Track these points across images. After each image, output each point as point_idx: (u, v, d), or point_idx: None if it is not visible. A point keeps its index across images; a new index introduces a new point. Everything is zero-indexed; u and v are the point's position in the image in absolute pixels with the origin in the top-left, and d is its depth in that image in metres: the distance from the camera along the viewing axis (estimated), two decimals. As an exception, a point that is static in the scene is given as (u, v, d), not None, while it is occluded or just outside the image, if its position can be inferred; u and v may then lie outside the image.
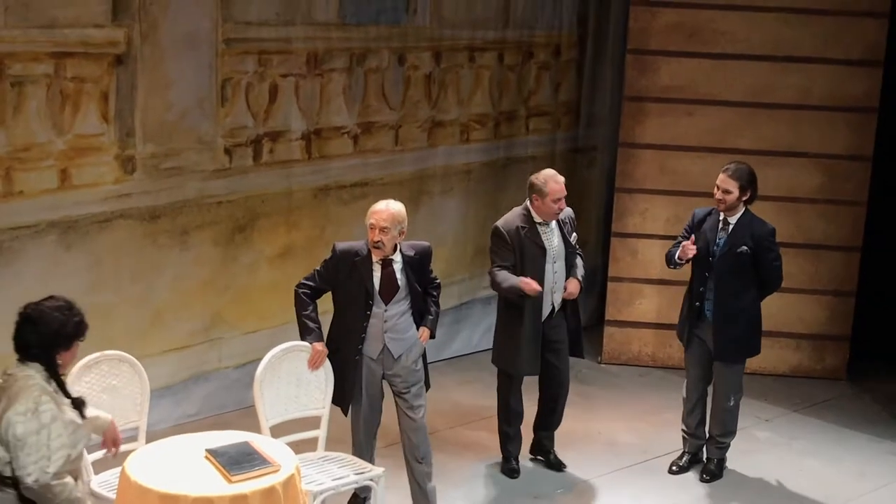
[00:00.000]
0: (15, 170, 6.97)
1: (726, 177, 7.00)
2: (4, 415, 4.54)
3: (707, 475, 7.37)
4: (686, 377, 7.39)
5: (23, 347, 4.70)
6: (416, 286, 6.34)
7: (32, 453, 4.53)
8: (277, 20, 7.96)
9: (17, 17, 6.81)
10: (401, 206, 6.20)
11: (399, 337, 6.32)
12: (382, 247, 6.12)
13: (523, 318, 7.00)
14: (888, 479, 7.58)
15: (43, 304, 4.75)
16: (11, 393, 4.59)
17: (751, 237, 7.02)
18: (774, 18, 8.77)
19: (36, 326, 4.68)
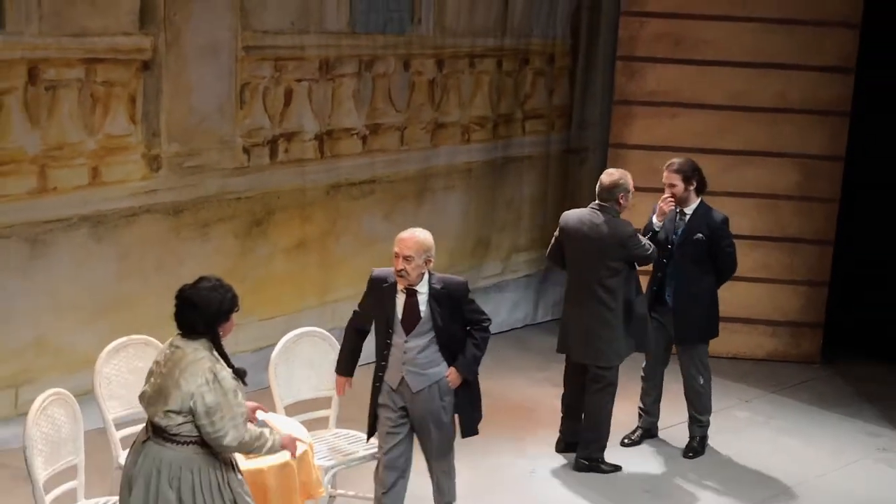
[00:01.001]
0: (49, 167, 6.98)
1: (669, 172, 7.10)
2: (185, 387, 4.61)
3: (691, 452, 7.37)
4: (645, 359, 7.39)
5: (188, 327, 4.75)
6: (444, 321, 5.68)
7: (226, 416, 4.63)
8: (292, 29, 7.96)
9: (51, 26, 6.83)
10: (427, 234, 5.71)
11: (419, 371, 5.69)
12: (406, 275, 5.59)
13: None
14: (860, 455, 7.59)
15: (199, 286, 4.79)
16: (182, 365, 4.65)
17: (706, 226, 7.08)
18: (754, 28, 8.77)
19: (198, 309, 4.73)
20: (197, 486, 4.67)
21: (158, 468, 4.67)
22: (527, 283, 9.85)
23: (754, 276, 8.86)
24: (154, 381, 4.74)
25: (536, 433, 7.59)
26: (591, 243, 6.79)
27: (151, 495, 4.66)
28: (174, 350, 4.73)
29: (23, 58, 6.76)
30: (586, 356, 6.96)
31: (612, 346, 6.88)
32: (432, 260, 5.67)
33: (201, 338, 4.74)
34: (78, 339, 7.11)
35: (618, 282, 6.80)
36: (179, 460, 4.67)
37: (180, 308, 4.77)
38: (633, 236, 6.77)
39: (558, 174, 9.89)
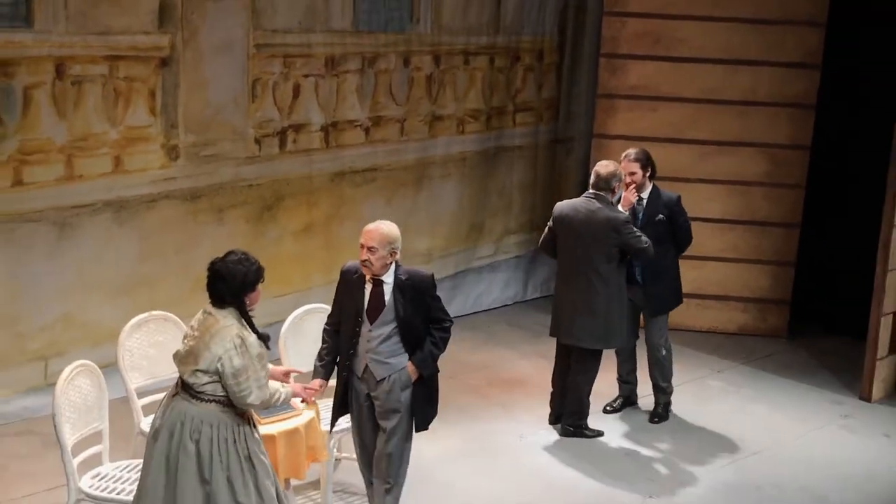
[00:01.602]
0: (75, 157, 6.98)
1: (628, 162, 7.07)
2: (214, 349, 4.68)
3: (656, 417, 7.41)
4: None
5: (218, 297, 4.79)
6: (406, 313, 5.40)
7: (251, 378, 4.70)
8: (300, 28, 7.95)
9: (77, 26, 6.83)
10: (392, 227, 5.41)
11: (382, 360, 5.42)
12: (370, 266, 5.32)
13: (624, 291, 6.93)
14: (824, 422, 7.61)
15: (226, 260, 4.82)
16: (213, 331, 4.71)
17: (664, 206, 7.10)
18: (726, 27, 8.75)
19: (225, 280, 4.77)
20: (214, 439, 4.72)
21: (182, 421, 4.73)
22: (517, 264, 9.85)
23: (726, 257, 8.87)
24: (187, 343, 4.80)
25: (525, 402, 7.60)
26: (587, 229, 6.75)
27: (174, 444, 4.72)
28: (206, 317, 4.79)
29: (50, 55, 6.76)
30: (574, 337, 6.95)
31: (598, 331, 6.87)
32: (398, 252, 5.40)
33: (229, 307, 4.78)
34: (102, 315, 7.12)
35: (610, 269, 6.77)
36: (201, 415, 4.73)
37: (210, 279, 4.82)
38: (627, 224, 6.73)
39: (546, 163, 9.88)
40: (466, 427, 7.23)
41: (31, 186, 6.81)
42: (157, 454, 4.76)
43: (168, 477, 4.72)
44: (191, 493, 4.69)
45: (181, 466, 4.70)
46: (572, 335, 6.94)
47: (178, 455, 4.72)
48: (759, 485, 6.66)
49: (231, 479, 4.73)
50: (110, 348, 6.07)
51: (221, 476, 4.72)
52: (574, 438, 7.09)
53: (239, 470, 4.75)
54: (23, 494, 6.10)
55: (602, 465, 6.80)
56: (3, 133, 6.65)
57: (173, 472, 4.71)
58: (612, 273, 6.79)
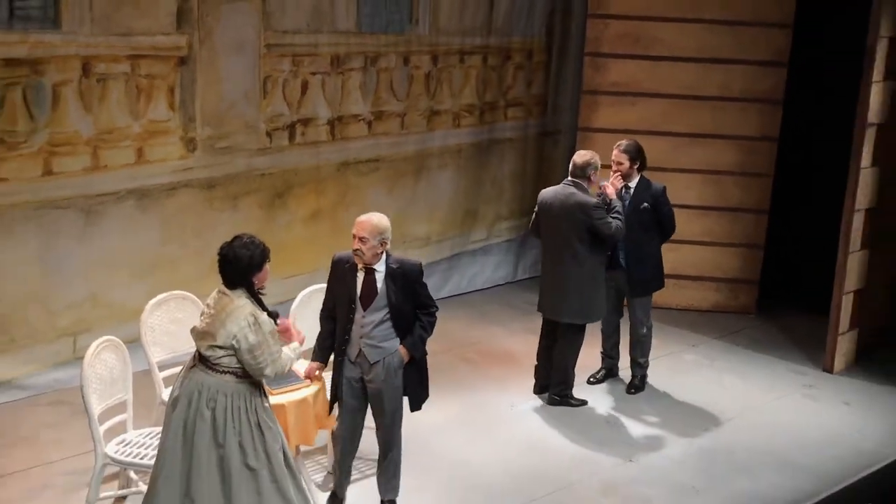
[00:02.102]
0: (100, 148, 6.98)
1: (619, 152, 7.08)
2: (229, 327, 4.70)
3: (633, 388, 7.43)
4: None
5: (229, 280, 4.81)
6: (398, 300, 5.32)
7: (265, 352, 4.74)
8: (308, 29, 7.92)
9: (101, 28, 6.82)
10: (383, 218, 5.29)
11: (375, 344, 5.32)
12: (362, 255, 5.23)
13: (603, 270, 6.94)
14: (789, 390, 7.64)
15: (233, 245, 4.82)
16: (228, 310, 4.73)
17: (650, 196, 7.09)
18: (701, 28, 8.73)
19: (233, 264, 4.78)
20: (228, 407, 4.75)
21: (199, 390, 4.76)
22: (508, 247, 9.85)
23: (701, 240, 8.88)
24: (204, 321, 4.82)
25: (516, 374, 7.62)
26: (562, 213, 6.78)
27: (192, 411, 4.74)
28: (221, 296, 4.81)
29: (77, 54, 6.75)
30: (555, 313, 6.98)
31: (576, 307, 6.88)
32: (388, 242, 5.28)
33: (240, 287, 4.80)
34: (126, 295, 7.12)
35: (584, 249, 6.78)
36: (216, 385, 4.75)
37: (220, 263, 4.83)
38: (597, 208, 6.72)
39: (535, 154, 9.87)
40: (461, 397, 7.25)
41: (59, 176, 6.81)
42: (175, 420, 4.78)
43: (185, 440, 4.74)
44: (206, 455, 4.72)
45: (198, 431, 4.73)
46: (554, 311, 6.97)
47: (195, 421, 4.74)
48: (731, 449, 6.68)
49: (242, 443, 4.75)
50: (134, 325, 6.07)
51: (234, 441, 4.74)
52: (560, 407, 7.11)
53: (250, 436, 4.77)
54: (54, 459, 6.12)
55: (586, 431, 6.82)
56: (33, 126, 6.65)
57: (190, 437, 4.73)
58: (586, 253, 6.79)
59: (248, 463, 4.75)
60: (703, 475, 6.33)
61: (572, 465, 6.38)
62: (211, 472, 4.71)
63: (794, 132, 8.96)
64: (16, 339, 6.82)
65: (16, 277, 6.73)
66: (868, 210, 7.85)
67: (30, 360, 6.90)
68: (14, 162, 6.61)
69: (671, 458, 6.52)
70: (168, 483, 4.74)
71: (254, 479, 4.75)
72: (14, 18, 6.46)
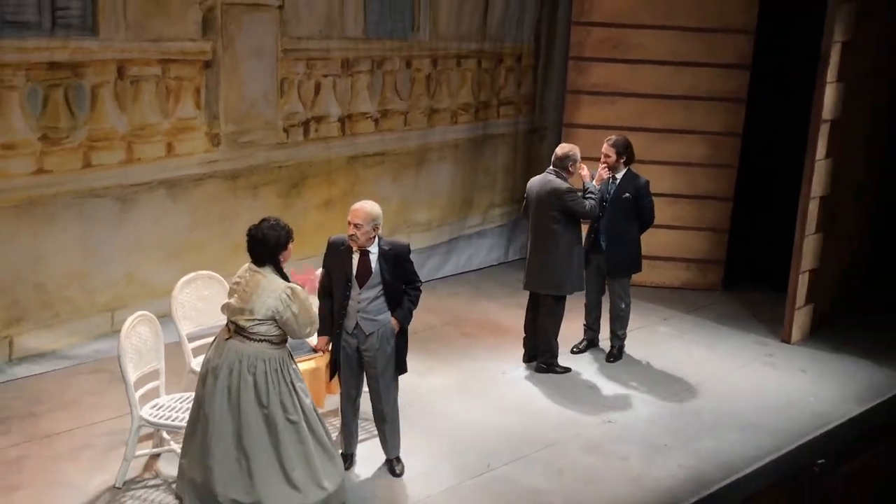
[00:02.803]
0: (134, 143, 6.96)
1: (608, 146, 7.08)
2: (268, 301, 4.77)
3: (612, 357, 7.43)
4: (586, 289, 7.39)
5: (257, 257, 4.85)
6: (391, 277, 5.34)
7: (305, 318, 4.86)
8: (320, 36, 7.89)
9: (134, 34, 6.79)
10: (375, 206, 5.29)
11: (370, 318, 5.34)
12: (357, 239, 5.24)
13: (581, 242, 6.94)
14: (751, 359, 7.64)
15: (261, 226, 4.86)
16: (263, 286, 4.80)
17: (633, 188, 7.07)
18: (673, 34, 8.68)
19: (262, 244, 4.83)
20: (267, 371, 4.83)
21: (240, 359, 4.82)
22: (500, 232, 9.83)
23: (672, 225, 8.86)
24: (238, 296, 4.85)
25: (507, 344, 7.61)
26: (541, 198, 6.82)
27: (234, 378, 4.81)
28: (253, 274, 4.85)
29: (113, 58, 6.72)
30: (536, 286, 6.99)
31: (553, 280, 6.89)
32: (380, 227, 5.30)
33: (268, 265, 4.84)
34: (158, 274, 7.11)
35: (560, 229, 6.79)
36: (255, 353, 4.82)
37: (250, 243, 4.87)
38: (570, 192, 6.73)
39: (524, 148, 9.84)
40: (458, 365, 7.25)
41: (98, 168, 6.79)
42: (220, 387, 4.83)
43: (231, 405, 4.82)
44: (253, 415, 4.81)
45: (243, 395, 4.81)
46: (535, 285, 6.99)
47: (238, 386, 4.81)
48: (698, 411, 6.69)
49: (283, 401, 4.86)
50: (165, 301, 6.08)
51: (276, 399, 4.84)
52: (547, 374, 7.11)
53: (288, 394, 4.88)
54: (95, 421, 6.13)
55: (569, 395, 6.83)
56: (74, 124, 6.63)
57: (235, 401, 4.81)
58: (561, 232, 6.80)
59: (289, 417, 4.86)
60: (673, 434, 6.34)
61: (557, 425, 6.38)
62: (259, 429, 4.82)
63: (756, 128, 8.93)
64: (60, 314, 6.82)
65: (59, 260, 6.72)
66: (822, 197, 7.83)
67: (72, 332, 6.89)
68: (57, 156, 6.59)
69: (645, 419, 6.53)
70: (221, 441, 4.81)
71: (296, 431, 4.88)
72: (56, 26, 6.43)
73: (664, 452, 6.10)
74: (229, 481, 4.81)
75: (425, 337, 7.63)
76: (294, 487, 4.86)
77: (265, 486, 4.81)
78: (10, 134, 6.37)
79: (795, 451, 6.29)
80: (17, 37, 6.26)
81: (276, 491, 4.83)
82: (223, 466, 4.81)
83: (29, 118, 6.43)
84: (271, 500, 4.82)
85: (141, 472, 5.52)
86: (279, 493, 4.84)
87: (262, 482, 4.81)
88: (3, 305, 6.55)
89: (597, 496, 5.58)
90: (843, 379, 7.33)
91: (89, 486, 5.39)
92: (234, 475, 4.81)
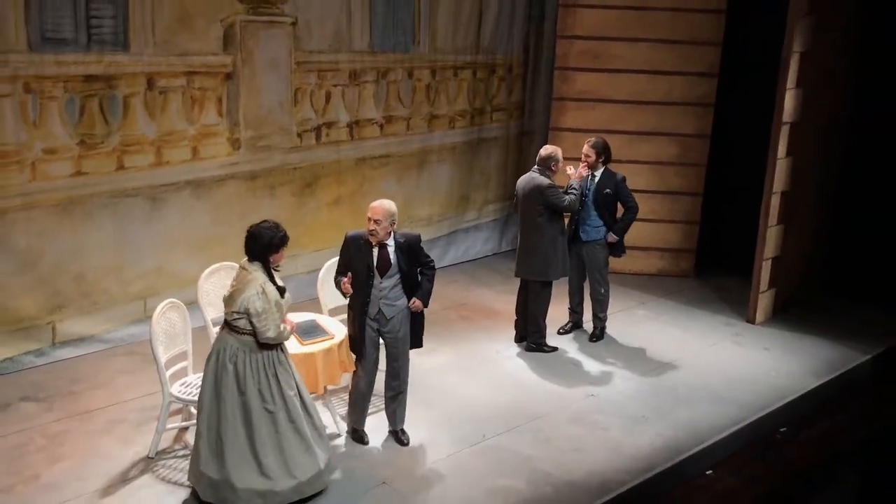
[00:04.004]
0: (163, 147, 6.93)
1: (588, 147, 7.07)
2: (244, 294, 4.64)
3: (594, 337, 7.42)
4: (569, 276, 7.37)
5: (249, 252, 4.75)
6: (406, 267, 5.38)
7: (269, 318, 4.66)
8: (330, 49, 7.85)
9: (162, 50, 6.76)
10: (391, 203, 5.32)
11: (391, 303, 5.38)
12: (376, 234, 5.26)
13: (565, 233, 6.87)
14: (720, 338, 7.64)
15: (260, 225, 4.77)
16: (246, 280, 4.69)
17: (612, 184, 7.06)
18: (648, 46, 8.66)
19: (255, 240, 4.72)
20: (247, 362, 4.73)
21: (224, 348, 4.74)
22: (493, 225, 9.82)
23: (648, 218, 8.83)
24: (229, 291, 4.78)
25: (501, 326, 7.61)
26: (525, 193, 6.82)
27: (219, 365, 4.74)
28: (241, 270, 4.77)
29: (143, 71, 6.69)
30: (524, 273, 7.00)
31: (539, 268, 6.87)
32: (395, 222, 5.32)
33: (257, 261, 4.73)
34: (186, 265, 7.10)
35: (542, 221, 6.79)
36: (238, 344, 4.73)
37: (246, 238, 4.77)
38: (550, 188, 6.72)
39: (515, 149, 9.81)
40: (457, 345, 7.25)
41: (130, 170, 6.76)
42: (208, 373, 4.78)
43: (215, 390, 4.74)
44: (231, 401, 4.72)
45: (224, 382, 4.72)
46: (524, 272, 6.99)
47: (221, 374, 4.72)
48: (673, 385, 6.69)
49: (261, 390, 4.74)
50: (192, 290, 6.06)
51: (253, 389, 4.73)
52: (536, 353, 7.10)
53: (267, 384, 4.75)
54: (129, 398, 6.13)
55: (556, 371, 6.82)
56: (108, 130, 6.60)
57: (219, 387, 4.73)
58: (545, 225, 6.79)
59: (266, 407, 4.74)
60: (651, 406, 6.34)
61: (546, 399, 6.38)
62: (235, 416, 4.72)
63: (723, 130, 8.91)
64: (97, 302, 6.81)
65: (96, 253, 6.71)
66: (783, 192, 7.82)
67: (108, 319, 6.88)
68: (93, 159, 6.57)
69: (625, 394, 6.53)
70: (204, 422, 4.77)
71: (272, 420, 4.75)
72: (91, 42, 6.40)
73: (642, 423, 6.10)
74: (209, 460, 4.74)
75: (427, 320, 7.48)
76: (264, 474, 4.72)
77: (235, 468, 4.69)
78: (51, 140, 6.36)
79: (759, 421, 6.29)
80: (56, 52, 6.24)
81: (246, 476, 4.70)
82: (206, 445, 4.74)
83: (67, 126, 6.41)
84: (240, 482, 4.69)
85: (171, 443, 5.52)
86: (248, 477, 4.70)
87: (232, 465, 4.69)
88: (46, 295, 6.54)
89: (581, 462, 5.58)
90: (802, 356, 7.32)
91: (124, 456, 5.39)
92: (212, 455, 4.74)
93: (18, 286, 6.39)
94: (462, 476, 5.35)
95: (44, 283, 6.51)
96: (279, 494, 4.77)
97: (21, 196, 6.28)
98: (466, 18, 8.90)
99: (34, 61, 6.16)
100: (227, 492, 4.71)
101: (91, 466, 5.27)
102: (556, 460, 5.58)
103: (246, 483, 4.70)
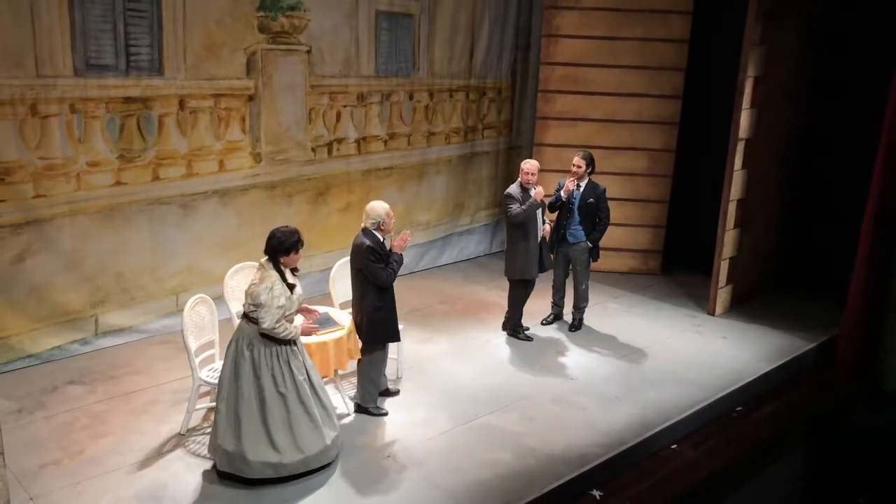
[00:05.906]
0: (193, 161, 6.93)
1: (578, 158, 7.06)
2: (256, 288, 4.64)
3: (573, 328, 7.43)
4: (553, 273, 7.42)
5: (265, 250, 4.75)
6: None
7: (268, 311, 4.64)
8: (340, 74, 7.86)
9: (192, 74, 6.77)
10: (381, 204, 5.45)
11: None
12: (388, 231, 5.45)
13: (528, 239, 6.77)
14: (684, 328, 7.66)
15: (280, 228, 4.77)
16: (259, 276, 4.70)
17: (595, 195, 7.06)
18: (621, 71, 8.68)
19: (271, 240, 4.72)
20: (262, 350, 4.73)
21: (242, 336, 4.75)
22: (485, 229, 9.83)
23: (621, 223, 8.86)
24: (249, 284, 4.78)
25: (491, 319, 7.62)
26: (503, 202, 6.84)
27: (238, 351, 4.74)
28: (259, 267, 4.78)
29: (175, 94, 6.70)
30: (505, 272, 7.02)
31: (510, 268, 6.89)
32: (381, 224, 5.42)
33: (270, 260, 4.74)
34: (213, 265, 7.10)
35: (508, 226, 6.81)
36: (253, 333, 4.74)
37: (267, 239, 4.77)
38: (507, 197, 6.70)
39: (504, 162, 9.83)
40: (452, 335, 7.26)
41: (164, 181, 6.77)
42: (228, 358, 4.78)
43: (234, 373, 4.75)
44: (247, 383, 4.73)
45: (241, 367, 4.72)
46: (505, 271, 7.02)
47: (239, 359, 4.73)
48: (643, 370, 6.71)
49: (274, 375, 4.74)
50: (219, 286, 6.08)
51: (267, 374, 4.73)
52: (522, 342, 7.12)
53: (280, 370, 4.75)
54: (163, 382, 6.14)
55: (540, 357, 6.84)
56: (145, 146, 6.61)
57: (237, 370, 4.74)
58: (510, 230, 6.79)
59: (279, 390, 4.74)
60: (623, 388, 6.36)
61: (530, 382, 6.40)
62: (251, 396, 4.73)
63: (687, 145, 8.93)
64: (135, 297, 6.82)
65: (134, 254, 6.72)
66: (739, 200, 7.84)
67: (145, 312, 6.90)
68: (131, 171, 6.58)
69: (601, 377, 6.55)
70: (223, 401, 4.77)
71: (283, 402, 4.76)
72: (130, 68, 6.42)
73: (615, 403, 6.12)
74: (225, 434, 4.76)
75: (425, 313, 7.64)
76: (274, 448, 4.74)
77: (249, 442, 4.71)
78: (94, 154, 6.37)
79: (718, 401, 6.31)
80: (98, 76, 6.26)
81: (259, 449, 4.73)
82: (224, 421, 4.76)
83: (109, 142, 6.42)
84: (252, 455, 4.72)
85: (200, 421, 5.53)
86: (260, 450, 4.73)
87: (247, 439, 4.71)
88: (90, 290, 6.55)
89: (562, 437, 5.60)
90: (755, 344, 7.35)
91: (159, 432, 5.41)
92: (229, 430, 4.75)
93: (65, 283, 6.41)
94: (456, 450, 5.38)
95: (88, 280, 6.53)
96: (287, 466, 4.79)
97: (68, 204, 6.31)
98: (460, 47, 8.92)
99: (79, 85, 6.19)
100: (240, 462, 4.74)
101: (130, 442, 5.29)
102: (540, 436, 5.60)
103: (258, 456, 4.73)
